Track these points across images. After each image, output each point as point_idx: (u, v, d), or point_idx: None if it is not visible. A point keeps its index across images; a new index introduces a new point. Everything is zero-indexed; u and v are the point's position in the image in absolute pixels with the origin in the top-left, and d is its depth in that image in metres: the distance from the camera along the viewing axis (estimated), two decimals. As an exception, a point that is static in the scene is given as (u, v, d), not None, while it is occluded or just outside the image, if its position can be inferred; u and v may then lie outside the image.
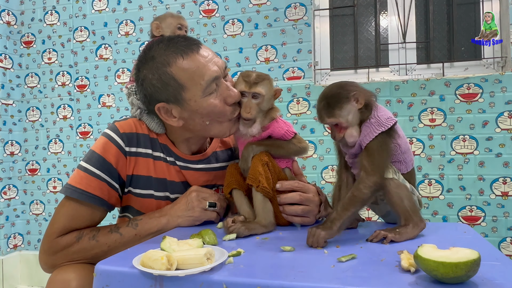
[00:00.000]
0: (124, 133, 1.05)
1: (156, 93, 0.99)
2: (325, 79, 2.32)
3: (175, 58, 0.97)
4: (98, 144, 1.04)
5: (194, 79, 0.96)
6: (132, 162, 1.06)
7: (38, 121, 2.74)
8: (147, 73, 0.99)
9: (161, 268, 0.64)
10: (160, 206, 1.09)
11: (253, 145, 0.99)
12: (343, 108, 0.87)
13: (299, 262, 0.70)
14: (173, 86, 0.97)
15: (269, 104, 1.00)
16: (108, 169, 1.02)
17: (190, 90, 0.97)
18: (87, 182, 1.00)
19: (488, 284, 0.57)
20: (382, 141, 0.86)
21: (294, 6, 2.27)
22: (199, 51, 0.99)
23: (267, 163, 0.96)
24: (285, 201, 0.99)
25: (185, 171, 1.11)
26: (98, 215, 1.03)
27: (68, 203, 1.00)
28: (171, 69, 0.97)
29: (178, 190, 1.11)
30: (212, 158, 1.16)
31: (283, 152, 1.01)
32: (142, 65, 1.01)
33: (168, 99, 0.99)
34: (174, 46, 0.98)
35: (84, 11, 2.64)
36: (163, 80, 0.97)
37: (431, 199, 2.06)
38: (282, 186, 0.99)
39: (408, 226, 0.85)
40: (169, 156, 1.10)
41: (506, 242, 1.97)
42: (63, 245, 0.97)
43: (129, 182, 1.07)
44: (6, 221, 2.64)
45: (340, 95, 0.88)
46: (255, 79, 0.97)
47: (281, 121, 1.02)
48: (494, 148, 1.97)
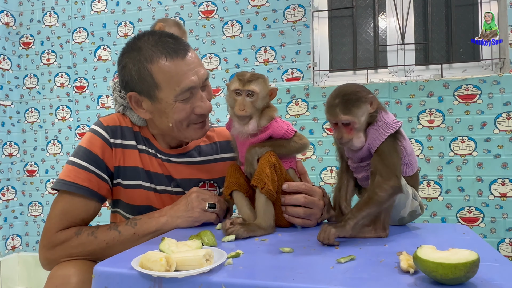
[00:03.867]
0: (108, 126, 1.10)
1: (131, 83, 1.03)
2: (324, 80, 2.33)
3: (159, 57, 0.99)
4: (84, 139, 1.09)
5: (170, 83, 0.99)
6: (118, 153, 1.09)
7: (37, 122, 2.73)
8: (128, 61, 1.02)
9: (160, 270, 0.64)
10: (149, 197, 1.12)
11: (256, 147, 0.98)
12: (361, 107, 0.86)
13: (298, 263, 0.70)
14: (149, 83, 1.00)
15: (264, 103, 0.99)
16: (95, 161, 1.05)
17: (163, 91, 1.00)
18: (75, 174, 1.03)
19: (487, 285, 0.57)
20: (391, 143, 0.86)
21: (293, 8, 2.27)
22: (185, 57, 1.01)
23: (275, 164, 0.96)
24: (289, 202, 0.98)
25: (167, 164, 1.14)
26: (92, 206, 1.05)
27: (61, 198, 1.04)
28: (151, 66, 0.99)
29: (163, 182, 1.14)
30: (194, 152, 1.18)
31: (286, 151, 1.01)
32: (127, 52, 1.04)
33: (141, 91, 1.03)
34: (162, 45, 1.00)
35: (83, 12, 2.64)
36: (140, 74, 1.00)
37: (429, 200, 2.06)
38: (289, 187, 0.98)
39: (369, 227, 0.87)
40: (151, 149, 1.13)
41: (504, 243, 1.97)
42: (62, 240, 0.99)
43: (117, 173, 1.10)
44: (4, 223, 2.63)
45: (359, 94, 0.86)
46: (249, 77, 0.97)
47: (280, 121, 1.02)
48: (492, 149, 1.98)
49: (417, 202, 0.95)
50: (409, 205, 0.93)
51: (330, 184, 2.19)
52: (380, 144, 0.86)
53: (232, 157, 1.20)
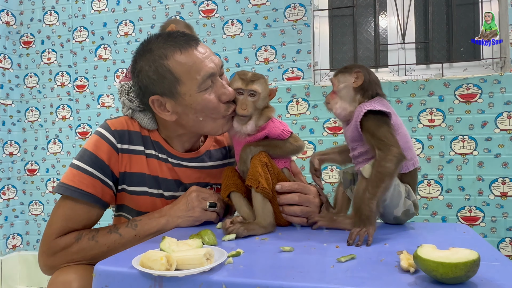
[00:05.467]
0: (116, 130, 1.06)
1: (151, 85, 1.00)
2: (324, 79, 2.33)
3: (173, 52, 0.98)
4: (90, 142, 1.05)
5: (190, 73, 0.97)
6: (125, 159, 1.06)
7: (37, 121, 2.73)
8: (143, 65, 1.00)
9: (160, 269, 0.64)
10: (155, 203, 1.09)
11: (251, 146, 0.99)
12: (344, 76, 0.98)
13: (298, 262, 0.70)
14: (169, 79, 0.98)
15: (264, 103, 1.01)
16: (100, 166, 1.02)
17: (186, 84, 0.98)
18: (79, 180, 1.00)
19: (487, 284, 0.57)
20: (376, 119, 0.90)
21: (294, 7, 2.27)
22: (197, 47, 1.00)
23: (267, 163, 0.97)
24: (284, 202, 0.99)
25: (177, 168, 1.11)
26: (95, 213, 1.03)
27: (63, 203, 1.01)
28: (168, 62, 0.98)
29: (171, 187, 1.11)
30: (205, 156, 1.16)
31: (280, 151, 1.02)
32: (140, 57, 1.02)
33: (163, 92, 1.00)
34: (172, 40, 0.99)
35: (83, 11, 2.64)
36: (159, 72, 0.98)
37: (430, 200, 2.06)
38: (282, 187, 0.99)
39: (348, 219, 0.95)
40: (161, 154, 1.10)
41: (505, 242, 1.97)
42: (62, 246, 0.97)
43: (122, 179, 1.07)
44: (5, 222, 2.63)
45: (349, 67, 0.99)
46: (251, 77, 0.99)
47: (276, 121, 1.03)
48: (493, 148, 1.97)
49: (410, 201, 0.95)
50: (402, 204, 0.93)
51: (331, 184, 2.19)
52: (360, 119, 0.90)
53: None
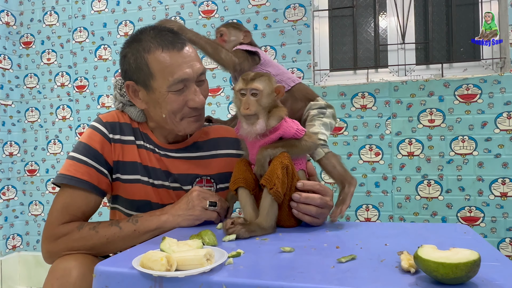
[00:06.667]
0: (107, 122, 1.13)
1: (129, 72, 1.09)
2: (324, 79, 2.33)
3: (156, 48, 1.04)
4: (84, 135, 1.13)
5: (164, 73, 1.04)
6: (117, 148, 1.12)
7: (37, 121, 2.73)
8: (128, 51, 1.08)
9: (160, 269, 0.64)
10: (147, 192, 1.14)
11: (269, 148, 0.97)
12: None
13: (299, 263, 0.70)
14: (145, 72, 1.05)
15: (270, 100, 0.97)
16: (94, 155, 1.08)
17: (157, 81, 1.05)
18: (75, 169, 1.06)
19: (488, 284, 0.57)
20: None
21: (293, 7, 2.27)
22: (181, 50, 1.06)
23: (287, 166, 0.94)
24: (305, 201, 0.97)
25: (165, 159, 1.16)
26: (92, 200, 1.08)
27: (62, 192, 1.07)
28: (148, 56, 1.05)
29: (160, 177, 1.15)
30: (192, 147, 1.20)
31: (298, 150, 1.00)
32: (129, 43, 1.10)
33: (138, 81, 1.08)
34: (160, 37, 1.06)
35: (83, 11, 2.64)
36: (138, 63, 1.06)
37: (430, 200, 2.06)
38: (304, 185, 0.98)
39: (345, 188, 1.07)
40: (149, 144, 1.16)
41: (505, 242, 1.97)
42: (64, 232, 1.01)
43: (116, 168, 1.12)
44: (5, 222, 2.63)
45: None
46: (252, 76, 0.97)
47: (289, 120, 1.00)
48: (493, 148, 1.97)
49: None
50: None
51: (331, 184, 2.19)
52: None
53: (228, 153, 1.22)
